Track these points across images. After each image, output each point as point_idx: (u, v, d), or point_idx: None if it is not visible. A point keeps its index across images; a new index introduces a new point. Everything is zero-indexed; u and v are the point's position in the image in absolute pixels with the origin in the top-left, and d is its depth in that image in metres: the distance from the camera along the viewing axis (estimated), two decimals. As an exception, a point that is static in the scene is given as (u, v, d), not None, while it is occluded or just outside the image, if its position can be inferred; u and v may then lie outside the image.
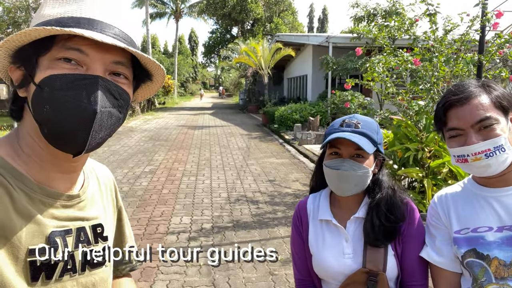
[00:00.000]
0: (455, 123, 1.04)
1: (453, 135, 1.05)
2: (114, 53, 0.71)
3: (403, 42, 6.04)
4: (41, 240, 0.71)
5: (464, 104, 1.03)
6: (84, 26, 0.69)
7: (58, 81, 0.67)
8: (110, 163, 8.24)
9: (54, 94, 0.67)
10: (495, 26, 4.46)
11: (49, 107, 0.67)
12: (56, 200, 0.75)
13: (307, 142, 10.79)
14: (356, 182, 1.15)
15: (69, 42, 0.68)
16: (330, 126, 1.22)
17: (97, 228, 0.83)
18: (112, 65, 0.72)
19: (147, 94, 0.88)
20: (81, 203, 0.80)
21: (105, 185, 0.93)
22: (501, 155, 0.99)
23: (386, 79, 4.93)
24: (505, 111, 1.04)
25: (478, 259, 1.05)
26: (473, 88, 1.05)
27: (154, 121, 17.93)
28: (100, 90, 0.68)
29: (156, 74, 0.82)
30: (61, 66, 0.68)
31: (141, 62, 0.77)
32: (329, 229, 1.23)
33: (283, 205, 5.45)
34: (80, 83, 0.67)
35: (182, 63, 46.03)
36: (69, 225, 0.77)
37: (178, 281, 3.26)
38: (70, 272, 0.75)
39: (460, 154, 1.04)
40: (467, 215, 1.09)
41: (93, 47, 0.69)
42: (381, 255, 1.13)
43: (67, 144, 0.70)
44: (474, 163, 1.01)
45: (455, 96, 1.04)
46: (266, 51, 19.55)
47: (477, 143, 1.00)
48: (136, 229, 4.43)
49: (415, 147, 4.49)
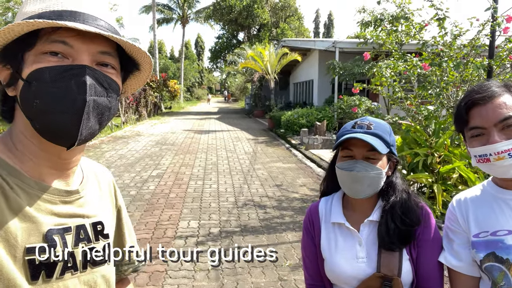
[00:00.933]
0: (477, 121, 1.03)
1: (475, 134, 1.04)
2: (99, 43, 0.72)
3: (411, 47, 6.03)
4: (38, 238, 0.70)
5: (487, 103, 1.02)
6: (67, 18, 0.70)
7: (45, 74, 0.67)
8: (117, 167, 8.29)
9: (43, 87, 0.67)
10: (506, 30, 4.43)
11: (38, 101, 0.67)
12: (55, 195, 0.75)
13: (314, 147, 10.76)
14: (369, 183, 1.14)
15: (53, 35, 0.69)
16: (342, 129, 1.21)
17: (98, 225, 0.83)
18: (98, 56, 0.72)
19: (137, 85, 0.88)
20: (80, 199, 0.80)
21: (104, 184, 0.93)
22: None
23: (395, 84, 4.92)
24: None
25: (497, 263, 1.03)
26: (496, 87, 1.05)
27: (161, 126, 18.02)
28: (88, 79, 0.68)
29: (143, 63, 0.81)
30: (47, 59, 0.69)
31: (127, 52, 0.77)
32: (341, 232, 1.22)
33: (290, 209, 5.43)
34: (67, 73, 0.68)
35: (188, 68, 46.33)
36: (68, 223, 0.76)
37: (187, 285, 3.25)
38: (71, 270, 0.75)
39: (482, 154, 1.02)
40: (486, 218, 1.08)
41: (78, 39, 0.69)
42: (396, 260, 1.12)
43: (59, 136, 0.70)
44: (497, 162, 1.00)
45: (478, 95, 1.03)
46: (273, 56, 19.59)
47: (500, 142, 0.98)
48: (144, 233, 4.44)
49: (424, 152, 4.46)
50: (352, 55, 13.43)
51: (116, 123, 16.00)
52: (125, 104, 16.89)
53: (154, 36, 30.03)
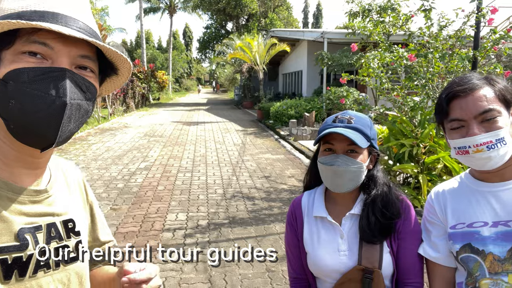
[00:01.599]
0: (458, 113, 1.03)
1: (455, 126, 1.05)
2: (79, 46, 0.71)
3: (398, 38, 6.05)
4: (10, 237, 0.70)
5: (468, 95, 1.02)
6: (49, 20, 0.68)
7: (24, 75, 0.66)
8: (104, 159, 8.20)
9: (21, 87, 0.66)
10: (490, 22, 4.48)
11: (15, 102, 0.66)
12: (23, 195, 0.74)
13: (303, 138, 10.80)
14: (350, 177, 1.14)
15: (34, 36, 0.67)
16: (324, 123, 1.22)
17: (69, 223, 0.82)
18: (78, 59, 0.72)
19: (113, 88, 0.88)
20: (49, 198, 0.80)
21: (72, 181, 0.92)
22: (502, 148, 0.99)
23: (381, 75, 4.94)
24: (508, 104, 1.04)
25: (473, 254, 1.05)
26: (477, 80, 1.05)
27: (149, 117, 17.85)
28: (68, 82, 0.68)
29: (121, 68, 0.81)
30: (26, 60, 0.67)
31: (107, 56, 0.77)
32: (324, 226, 1.22)
33: (279, 201, 5.46)
34: (47, 76, 0.67)
35: (177, 59, 45.82)
36: (38, 222, 0.76)
37: (175, 278, 3.25)
38: (44, 268, 0.75)
39: (462, 146, 1.03)
40: (463, 210, 1.10)
41: (59, 41, 0.69)
42: (377, 252, 1.13)
43: (36, 138, 0.69)
44: (475, 154, 1.01)
45: (459, 87, 1.04)
46: (261, 46, 19.47)
47: (479, 135, 0.99)
48: (132, 226, 4.42)
49: (410, 143, 4.50)
50: (341, 46, 13.43)
51: (103, 115, 15.78)
52: (112, 96, 16.65)
53: (141, 26, 29.57)
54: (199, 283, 3.18)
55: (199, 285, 3.16)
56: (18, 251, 0.70)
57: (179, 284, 3.16)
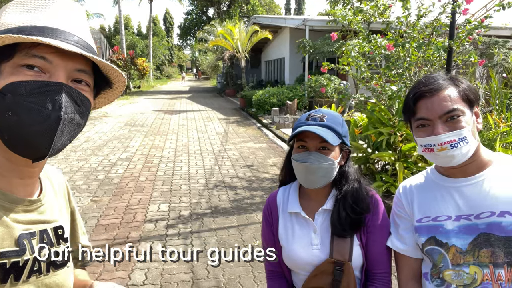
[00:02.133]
0: (424, 113, 1.08)
1: (421, 124, 1.09)
2: (77, 61, 0.74)
3: (378, 25, 6.10)
4: (11, 242, 0.72)
5: (433, 96, 1.07)
6: (48, 35, 0.71)
7: (22, 88, 0.68)
8: (84, 150, 8.06)
9: (18, 100, 0.68)
10: (465, 12, 4.56)
11: (11, 113, 0.68)
12: (18, 205, 0.77)
13: (285, 126, 10.86)
14: (322, 173, 1.18)
15: (33, 50, 0.70)
16: (297, 121, 1.25)
17: (58, 230, 0.85)
18: (74, 73, 0.74)
19: (106, 102, 0.91)
20: (41, 207, 0.82)
21: (58, 188, 0.94)
22: (465, 146, 1.04)
23: (361, 64, 5.00)
24: (471, 104, 1.09)
25: (437, 247, 1.11)
26: (442, 80, 1.10)
27: (130, 106, 17.55)
28: (64, 97, 0.70)
29: (116, 82, 0.84)
30: (24, 73, 0.69)
31: (102, 70, 0.80)
32: (298, 221, 1.27)
33: (261, 190, 5.51)
34: (44, 89, 0.69)
35: (157, 45, 44.90)
36: (32, 228, 0.78)
37: (157, 269, 3.28)
38: (36, 273, 0.78)
39: (427, 144, 1.08)
40: (428, 204, 1.15)
41: (57, 55, 0.71)
42: (347, 245, 1.18)
43: (29, 149, 0.71)
44: (440, 153, 1.06)
45: (425, 87, 1.08)
46: (243, 33, 19.27)
47: (443, 134, 1.04)
48: (113, 218, 4.40)
49: (387, 131, 4.60)
50: (323, 33, 13.45)
51: (82, 104, 15.41)
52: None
53: (119, 11, 28.76)
54: (182, 273, 3.21)
55: (182, 275, 3.19)
56: (17, 256, 0.73)
57: (162, 275, 3.19)
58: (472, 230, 1.06)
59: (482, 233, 1.05)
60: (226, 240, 3.86)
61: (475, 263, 1.05)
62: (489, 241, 1.04)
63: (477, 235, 1.05)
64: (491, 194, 1.06)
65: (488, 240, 1.04)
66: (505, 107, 5.39)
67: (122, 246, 3.25)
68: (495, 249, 1.03)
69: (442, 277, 1.10)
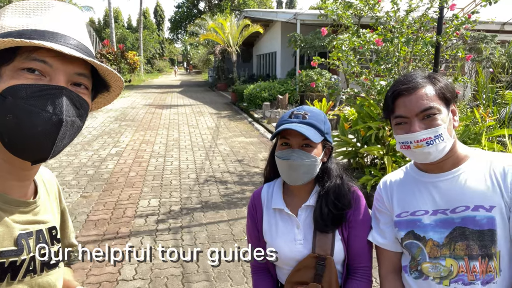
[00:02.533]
0: (402, 110, 1.11)
1: (399, 122, 1.12)
2: (76, 64, 0.75)
3: (369, 20, 6.12)
4: (10, 242, 0.74)
5: (411, 94, 1.10)
6: (48, 39, 0.72)
7: (23, 91, 0.69)
8: (73, 145, 7.99)
9: (19, 103, 0.69)
10: (453, 7, 4.60)
11: (12, 116, 0.69)
12: (14, 206, 0.78)
13: (276, 120, 10.88)
14: (305, 170, 1.20)
15: (34, 54, 0.71)
16: (281, 118, 1.27)
17: (52, 230, 0.87)
18: (74, 76, 0.75)
19: (103, 104, 0.92)
20: (36, 209, 0.84)
21: (51, 189, 0.95)
22: (440, 143, 1.07)
23: (351, 59, 5.02)
24: (448, 102, 1.12)
25: (415, 240, 1.14)
26: (420, 79, 1.12)
27: (120, 100, 17.38)
28: (65, 100, 0.72)
29: (114, 85, 0.85)
30: (25, 76, 0.70)
31: (100, 73, 0.81)
32: (282, 217, 1.29)
33: (251, 184, 5.54)
34: (45, 93, 0.70)
35: (148, 39, 44.36)
36: (29, 228, 0.80)
37: (147, 264, 3.29)
38: (31, 273, 0.79)
39: (404, 141, 1.11)
40: (407, 200, 1.18)
41: (58, 59, 0.72)
42: (329, 241, 1.21)
43: (30, 152, 0.72)
44: (416, 150, 1.09)
45: (403, 86, 1.11)
46: (234, 27, 19.16)
47: (419, 131, 1.07)
48: (103, 214, 4.39)
49: (376, 125, 4.65)
50: (314, 27, 13.43)
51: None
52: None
53: (109, 4, 28.35)
54: (172, 268, 3.23)
55: (172, 269, 3.21)
56: (15, 255, 0.74)
57: (151, 270, 3.20)
58: (448, 224, 1.10)
59: (457, 226, 1.08)
60: (216, 234, 3.88)
61: (451, 256, 1.08)
62: (464, 234, 1.07)
63: (453, 229, 1.09)
64: (466, 189, 1.09)
65: (463, 233, 1.07)
66: (491, 101, 5.48)
67: (112, 242, 3.27)
68: (470, 242, 1.06)
69: (420, 269, 1.14)
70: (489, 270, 1.05)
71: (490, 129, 4.86)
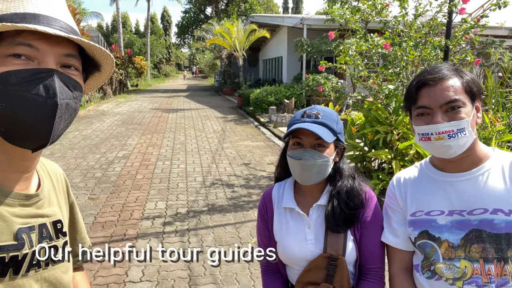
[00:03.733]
0: (425, 101, 1.07)
1: (421, 113, 1.09)
2: (64, 46, 0.72)
3: (376, 24, 6.12)
4: (9, 237, 0.72)
5: (437, 84, 1.06)
6: (31, 21, 0.69)
7: (12, 77, 0.67)
8: (81, 148, 8.05)
9: (10, 90, 0.67)
10: (462, 11, 4.58)
11: (5, 104, 0.67)
12: (15, 199, 0.76)
13: (282, 124, 10.87)
14: (317, 170, 1.19)
15: (18, 38, 0.68)
16: (293, 118, 1.26)
17: (57, 224, 0.85)
18: (63, 58, 0.73)
19: (95, 85, 0.90)
20: (39, 202, 0.82)
21: (57, 181, 0.94)
22: (462, 138, 1.04)
23: (358, 63, 5.01)
24: (473, 96, 1.08)
25: (429, 241, 1.12)
26: (447, 70, 1.09)
27: (127, 104, 17.50)
28: (58, 82, 0.69)
29: (104, 64, 0.83)
30: (12, 62, 0.68)
31: (89, 53, 0.78)
32: (292, 216, 1.28)
33: (258, 188, 5.53)
34: (36, 77, 0.68)
35: (155, 44, 44.73)
36: (31, 222, 0.78)
37: (154, 266, 3.29)
38: (35, 267, 0.78)
39: (425, 132, 1.07)
40: (422, 199, 1.15)
41: (44, 41, 0.69)
42: (341, 241, 1.20)
43: (29, 139, 0.70)
44: (436, 142, 1.05)
45: (430, 76, 1.08)
46: (241, 32, 19.25)
47: (442, 123, 1.04)
48: (110, 216, 4.40)
49: (384, 129, 4.62)
50: (320, 32, 13.46)
51: (79, 102, 15.37)
52: (88, 82, 16.17)
53: (117, 10, 28.64)
54: (179, 270, 3.22)
55: (179, 272, 3.20)
56: (16, 250, 0.73)
57: (159, 272, 3.20)
58: (464, 225, 1.07)
59: (474, 229, 1.06)
60: (223, 237, 3.87)
61: (466, 257, 1.06)
62: (481, 237, 1.05)
63: (469, 231, 1.06)
64: (485, 191, 1.06)
65: (480, 236, 1.05)
66: (501, 106, 5.42)
67: (119, 244, 3.28)
68: (486, 245, 1.04)
69: (433, 269, 1.12)
70: (504, 273, 1.03)
71: (499, 134, 4.81)
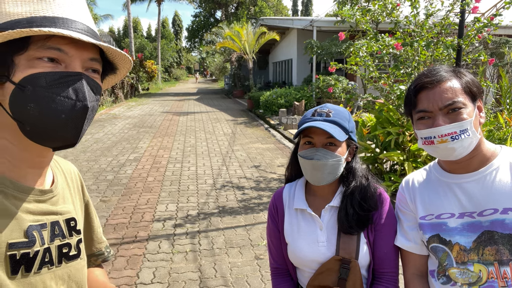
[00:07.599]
0: (425, 105, 1.05)
1: (421, 117, 1.07)
2: (90, 50, 0.75)
3: (386, 25, 6.06)
4: (20, 234, 0.72)
5: (435, 87, 1.04)
6: (61, 26, 0.71)
7: (42, 79, 0.68)
8: (93, 151, 8.14)
9: (39, 92, 0.68)
10: (475, 10, 4.50)
11: (34, 105, 0.68)
12: (29, 195, 0.77)
13: (292, 127, 10.84)
14: (329, 170, 1.17)
15: (49, 42, 0.70)
16: (303, 116, 1.23)
17: (71, 221, 0.85)
18: (88, 62, 0.75)
19: (107, 85, 0.92)
20: (53, 198, 0.82)
21: (71, 179, 0.94)
22: (466, 139, 1.01)
23: (369, 64, 4.96)
24: (474, 97, 1.06)
25: (441, 244, 1.09)
26: (444, 72, 1.07)
27: (138, 108, 17.67)
28: (86, 86, 0.72)
29: (122, 68, 0.86)
30: (42, 64, 0.69)
31: (109, 56, 0.81)
32: (304, 218, 1.25)
33: (268, 190, 5.51)
34: (66, 80, 0.70)
35: (166, 48, 45.14)
36: (43, 219, 0.78)
37: (165, 268, 3.29)
38: (48, 265, 0.78)
39: (427, 136, 1.05)
40: (432, 202, 1.12)
41: (73, 46, 0.71)
42: (354, 243, 1.17)
43: (56, 140, 0.73)
44: (440, 145, 1.03)
45: (427, 79, 1.06)
46: (251, 35, 19.29)
47: (444, 125, 1.02)
48: (122, 218, 4.43)
49: (396, 131, 4.56)
50: (330, 34, 13.40)
51: (92, 106, 15.56)
52: (100, 86, 16.39)
53: (128, 15, 28.99)
54: (189, 272, 3.22)
55: (189, 274, 3.20)
56: (26, 247, 0.73)
57: (169, 274, 3.20)
58: (475, 227, 1.04)
59: (486, 230, 1.03)
60: (233, 239, 3.86)
61: (480, 261, 1.03)
62: (493, 238, 1.02)
63: (481, 233, 1.03)
64: (494, 190, 1.03)
65: (492, 237, 1.02)
66: (516, 106, 5.31)
67: (130, 245, 3.33)
68: (500, 247, 1.01)
69: (447, 275, 1.08)
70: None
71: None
